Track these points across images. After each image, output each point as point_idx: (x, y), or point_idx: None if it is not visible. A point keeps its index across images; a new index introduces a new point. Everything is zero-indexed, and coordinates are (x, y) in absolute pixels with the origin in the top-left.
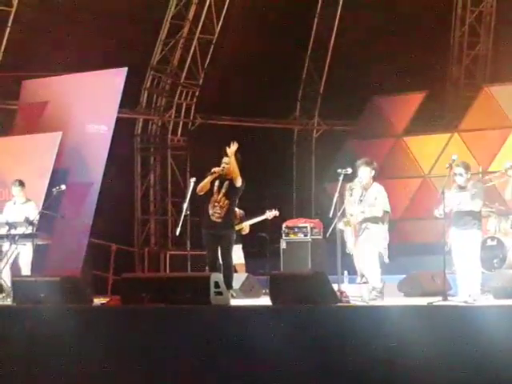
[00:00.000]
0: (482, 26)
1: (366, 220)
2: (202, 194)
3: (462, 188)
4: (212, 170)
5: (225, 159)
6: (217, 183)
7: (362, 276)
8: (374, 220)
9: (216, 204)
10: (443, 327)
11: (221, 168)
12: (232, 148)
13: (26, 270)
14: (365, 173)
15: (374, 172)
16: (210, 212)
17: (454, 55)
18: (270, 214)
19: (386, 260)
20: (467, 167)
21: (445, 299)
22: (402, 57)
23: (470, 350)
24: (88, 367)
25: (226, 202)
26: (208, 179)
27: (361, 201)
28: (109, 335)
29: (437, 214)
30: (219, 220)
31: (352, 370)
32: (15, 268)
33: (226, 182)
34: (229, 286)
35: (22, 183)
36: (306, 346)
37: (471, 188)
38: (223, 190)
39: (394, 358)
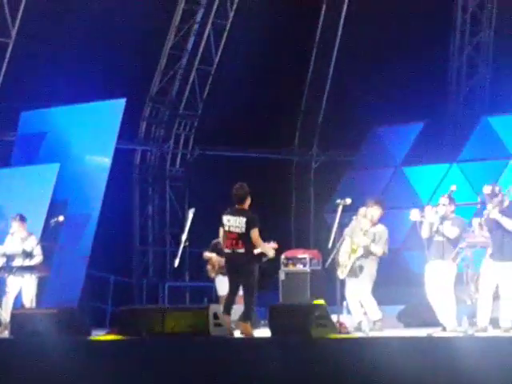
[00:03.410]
0: (481, 56)
1: (366, 253)
2: None
3: (443, 217)
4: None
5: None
6: None
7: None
8: (373, 258)
9: None
10: (443, 358)
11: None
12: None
13: (28, 303)
14: (376, 212)
15: (382, 211)
16: None
17: (453, 86)
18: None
19: None
20: (451, 199)
21: (444, 330)
22: (400, 87)
23: (469, 381)
24: None
25: None
26: None
27: (364, 234)
28: (107, 368)
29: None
30: None
31: None
32: (18, 302)
33: None
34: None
35: (22, 218)
36: (305, 377)
37: (452, 219)
38: None
39: None
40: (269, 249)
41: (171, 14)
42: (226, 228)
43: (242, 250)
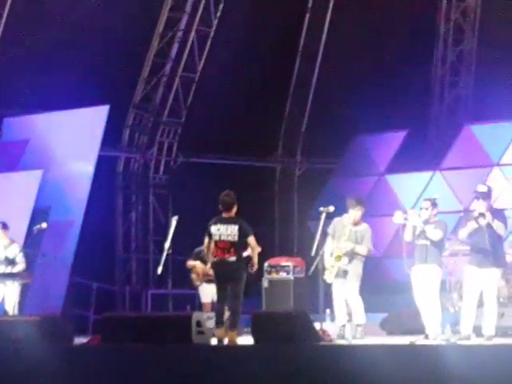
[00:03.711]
0: (464, 65)
1: (351, 255)
2: None
3: (426, 221)
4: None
5: None
6: None
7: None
8: (359, 258)
9: None
10: (425, 366)
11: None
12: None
13: (10, 311)
14: (357, 212)
15: (363, 210)
16: None
17: (436, 94)
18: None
19: None
20: (434, 203)
21: (426, 338)
22: (384, 95)
23: None
24: None
25: None
26: None
27: (349, 237)
28: (90, 375)
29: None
30: None
31: None
32: (1, 309)
33: None
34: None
35: (5, 225)
36: None
37: (435, 222)
38: None
39: None
40: (256, 259)
41: (155, 21)
42: (217, 237)
43: (233, 259)
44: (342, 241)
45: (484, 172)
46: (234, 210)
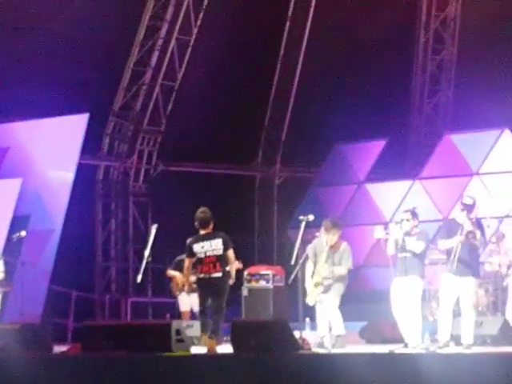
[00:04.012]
0: (443, 74)
1: (333, 279)
2: None
3: (407, 233)
4: None
5: None
6: None
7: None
8: (339, 278)
9: None
10: (405, 375)
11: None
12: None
13: None
14: (334, 236)
15: (340, 232)
16: None
17: (415, 103)
18: (237, 263)
19: None
20: (414, 214)
21: (406, 346)
22: (363, 104)
23: None
24: None
25: None
26: None
27: (327, 258)
28: (69, 383)
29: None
30: None
31: None
32: None
33: None
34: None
35: None
36: None
37: (416, 234)
38: None
39: None
40: (234, 272)
41: (135, 29)
42: (202, 255)
43: (219, 274)
44: (320, 265)
45: (463, 181)
46: (211, 225)
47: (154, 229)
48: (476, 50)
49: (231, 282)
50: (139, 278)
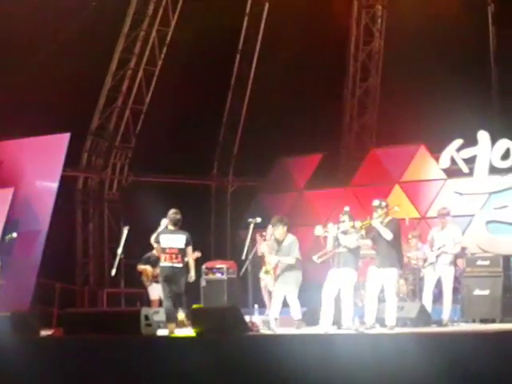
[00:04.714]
0: (369, 99)
1: (282, 268)
2: None
3: (344, 232)
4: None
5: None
6: None
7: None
8: (289, 267)
9: None
10: (338, 352)
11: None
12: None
13: None
14: (280, 230)
15: (286, 227)
16: None
17: (346, 123)
18: (194, 255)
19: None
20: (350, 216)
21: (339, 328)
22: (303, 124)
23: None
24: None
25: None
26: None
27: (277, 251)
28: (54, 362)
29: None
30: None
31: None
32: None
33: None
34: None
35: None
36: (223, 370)
37: (352, 232)
38: None
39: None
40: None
41: (109, 61)
42: (166, 245)
43: (180, 265)
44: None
45: (387, 188)
46: (180, 224)
47: (125, 230)
48: (397, 78)
49: (192, 279)
50: (113, 272)
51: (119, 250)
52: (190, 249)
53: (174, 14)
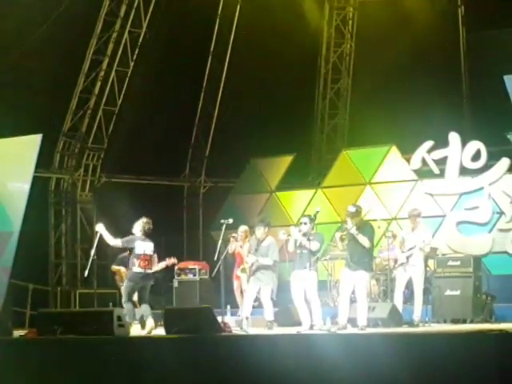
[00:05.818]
0: (341, 100)
1: (259, 267)
2: None
3: (305, 234)
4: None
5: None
6: None
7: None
8: (265, 267)
9: None
10: (310, 351)
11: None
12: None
13: None
14: (260, 230)
15: (267, 228)
16: None
17: (318, 124)
18: (170, 261)
19: (274, 297)
20: (311, 219)
21: (311, 328)
22: (275, 125)
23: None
24: None
25: None
26: None
27: (256, 250)
28: (26, 363)
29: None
30: None
31: None
32: None
33: None
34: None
35: None
36: (196, 370)
37: (313, 235)
38: None
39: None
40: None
41: (81, 62)
42: (141, 252)
43: (150, 271)
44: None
45: (358, 190)
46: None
47: (98, 228)
48: (368, 79)
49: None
50: (86, 273)
51: (92, 251)
52: (155, 256)
53: (146, 16)
